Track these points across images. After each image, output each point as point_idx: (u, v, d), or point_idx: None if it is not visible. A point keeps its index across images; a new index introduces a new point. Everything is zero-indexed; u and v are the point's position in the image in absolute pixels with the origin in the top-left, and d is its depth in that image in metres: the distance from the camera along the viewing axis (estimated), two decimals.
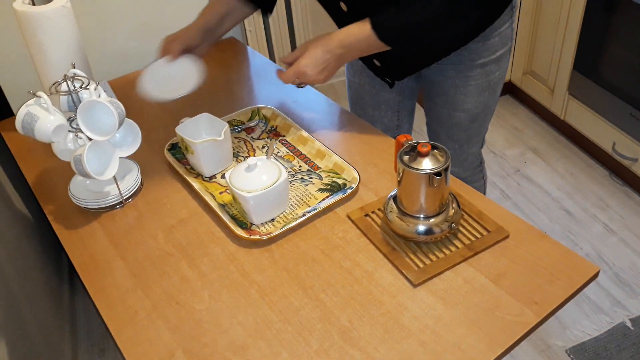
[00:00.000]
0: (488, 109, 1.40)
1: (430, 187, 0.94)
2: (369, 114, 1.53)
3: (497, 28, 1.25)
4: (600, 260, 1.97)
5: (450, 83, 1.34)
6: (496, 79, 1.34)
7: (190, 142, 1.15)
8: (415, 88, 1.51)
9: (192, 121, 1.22)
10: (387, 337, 0.87)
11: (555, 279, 0.92)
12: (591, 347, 1.70)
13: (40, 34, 1.16)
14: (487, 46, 1.27)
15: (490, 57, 1.29)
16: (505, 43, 1.29)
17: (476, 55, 1.28)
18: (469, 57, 1.28)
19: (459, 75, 1.32)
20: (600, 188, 2.26)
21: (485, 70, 1.30)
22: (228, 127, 1.18)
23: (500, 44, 1.28)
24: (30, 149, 1.37)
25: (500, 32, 1.26)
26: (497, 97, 1.40)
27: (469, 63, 1.29)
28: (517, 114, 2.70)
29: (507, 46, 1.30)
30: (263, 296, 0.95)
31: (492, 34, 1.25)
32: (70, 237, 1.11)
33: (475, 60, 1.28)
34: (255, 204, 1.04)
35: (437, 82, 1.36)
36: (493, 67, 1.31)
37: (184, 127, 1.20)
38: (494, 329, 0.86)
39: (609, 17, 2.02)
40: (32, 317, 1.43)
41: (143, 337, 0.91)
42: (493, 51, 1.28)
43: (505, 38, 1.28)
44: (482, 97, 1.35)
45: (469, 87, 1.33)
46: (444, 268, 0.96)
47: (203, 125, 1.23)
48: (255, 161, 1.06)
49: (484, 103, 1.37)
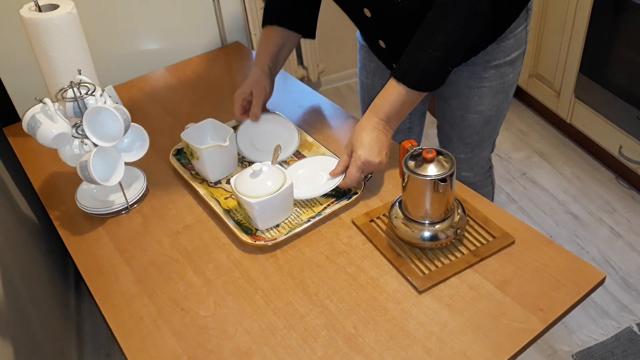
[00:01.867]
0: (501, 112, 1.39)
1: (436, 193, 0.94)
2: None
3: (513, 30, 1.25)
4: (606, 265, 1.95)
5: (464, 84, 1.34)
6: (510, 82, 1.34)
7: (196, 148, 1.15)
8: None
9: (197, 127, 1.23)
10: (392, 343, 0.87)
11: (561, 285, 0.92)
12: (598, 352, 1.69)
13: (47, 40, 1.16)
14: (502, 48, 1.27)
15: (505, 59, 1.29)
16: (520, 45, 1.29)
17: (491, 57, 1.28)
18: (484, 58, 1.28)
19: (473, 76, 1.31)
20: (606, 191, 2.25)
21: (499, 72, 1.30)
22: (233, 133, 1.18)
23: (515, 46, 1.28)
24: (36, 153, 1.37)
25: (515, 34, 1.26)
26: (510, 100, 1.40)
27: (483, 64, 1.29)
28: (523, 117, 2.69)
29: (522, 49, 1.30)
30: (268, 302, 0.95)
31: (508, 35, 1.25)
32: (76, 242, 1.11)
33: (489, 61, 1.28)
34: (260, 210, 1.04)
35: (451, 83, 1.36)
36: (507, 69, 1.31)
37: (189, 132, 1.21)
38: (499, 335, 0.86)
39: (615, 20, 2.01)
40: (39, 321, 1.44)
41: (148, 343, 0.91)
42: (508, 53, 1.28)
43: (520, 40, 1.28)
44: (496, 99, 1.35)
45: (484, 89, 1.33)
46: (450, 274, 0.95)
47: (208, 131, 1.24)
48: (260, 167, 1.06)
49: (498, 105, 1.37)
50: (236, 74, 1.63)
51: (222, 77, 1.61)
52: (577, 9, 2.16)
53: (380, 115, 1.11)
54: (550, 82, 2.45)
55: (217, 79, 1.60)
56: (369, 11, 1.20)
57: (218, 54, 1.73)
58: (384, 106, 1.11)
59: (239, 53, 1.73)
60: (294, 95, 1.48)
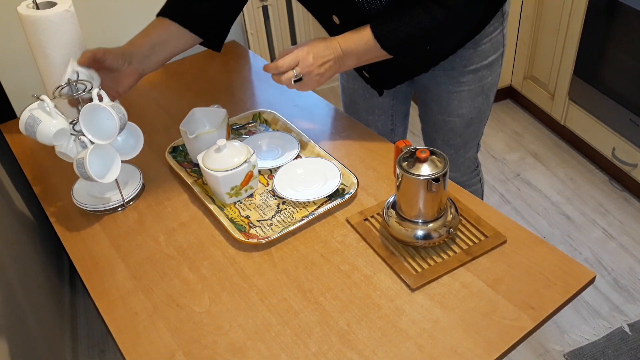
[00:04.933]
0: (482, 113, 1.41)
1: (429, 193, 0.95)
2: (362, 118, 1.55)
3: (488, 35, 1.26)
4: (599, 265, 1.97)
5: (443, 89, 1.35)
6: (489, 84, 1.35)
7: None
8: (409, 92, 1.52)
9: (190, 116, 1.25)
10: (385, 340, 0.88)
11: (552, 284, 0.93)
12: (589, 352, 1.70)
13: (44, 37, 1.17)
14: (478, 52, 1.28)
15: (482, 63, 1.30)
16: (497, 49, 1.30)
17: (467, 62, 1.29)
18: (461, 63, 1.29)
19: (451, 81, 1.33)
20: (599, 193, 2.27)
21: (477, 75, 1.32)
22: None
23: (492, 50, 1.29)
24: (32, 150, 1.38)
25: (491, 38, 1.27)
26: (491, 101, 1.41)
27: (460, 69, 1.30)
28: (518, 118, 2.71)
29: (499, 52, 1.32)
30: (262, 299, 0.96)
31: (483, 40, 1.27)
32: (72, 238, 1.12)
33: (466, 66, 1.30)
34: (225, 183, 1.10)
35: (430, 88, 1.37)
36: (485, 72, 1.32)
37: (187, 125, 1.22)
38: (490, 333, 0.87)
39: (609, 23, 2.03)
40: (33, 317, 1.44)
41: (144, 338, 0.92)
42: (484, 57, 1.29)
43: (496, 44, 1.29)
44: (476, 102, 1.36)
45: (463, 93, 1.34)
46: (442, 273, 0.97)
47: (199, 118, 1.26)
48: (224, 142, 1.12)
49: (478, 108, 1.38)
50: (232, 72, 1.64)
51: (218, 76, 1.62)
52: (572, 12, 2.18)
53: (342, 45, 1.13)
54: (545, 84, 2.47)
55: (214, 77, 1.61)
56: (337, 18, 1.21)
57: (214, 53, 1.74)
58: (349, 42, 1.13)
59: (236, 52, 1.74)
60: (290, 94, 1.49)
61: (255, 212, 1.13)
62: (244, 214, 1.12)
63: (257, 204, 1.15)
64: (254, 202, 1.15)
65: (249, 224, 1.10)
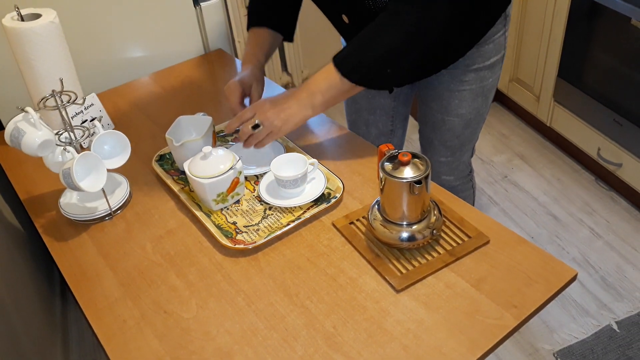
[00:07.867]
0: (480, 115, 1.43)
1: (412, 195, 0.97)
2: (364, 117, 1.56)
3: (492, 36, 1.29)
4: (586, 264, 1.99)
5: (445, 87, 1.37)
6: (489, 86, 1.38)
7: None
8: (410, 95, 1.54)
9: (176, 124, 1.25)
10: (371, 341, 0.89)
11: (534, 282, 0.95)
12: (578, 350, 1.72)
13: (29, 49, 1.18)
14: (481, 52, 1.31)
15: (484, 63, 1.32)
16: (499, 51, 1.33)
17: (470, 61, 1.32)
18: (464, 62, 1.32)
19: (453, 79, 1.35)
20: (586, 193, 2.29)
21: (479, 75, 1.34)
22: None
23: (494, 51, 1.32)
24: (20, 161, 1.38)
25: (494, 40, 1.30)
26: (489, 104, 1.44)
27: (463, 68, 1.33)
28: (504, 120, 2.73)
29: (501, 54, 1.34)
30: (249, 304, 0.97)
31: (487, 41, 1.29)
32: (60, 248, 1.13)
33: (469, 65, 1.32)
34: (211, 190, 1.11)
35: (432, 86, 1.40)
36: (487, 73, 1.34)
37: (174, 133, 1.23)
38: (474, 332, 0.89)
39: (591, 26, 2.05)
40: (24, 329, 1.44)
41: (132, 345, 0.93)
42: (487, 57, 1.32)
43: (498, 46, 1.32)
44: (475, 102, 1.38)
45: (464, 92, 1.36)
46: (426, 273, 0.98)
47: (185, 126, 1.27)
48: (210, 149, 1.12)
49: (477, 109, 1.40)
50: (219, 80, 1.65)
51: (205, 84, 1.63)
52: (555, 15, 2.21)
53: (307, 87, 1.15)
54: (530, 87, 2.50)
55: (200, 85, 1.62)
56: (346, 17, 1.23)
57: (201, 61, 1.75)
58: (313, 81, 1.15)
59: (222, 60, 1.76)
60: None
61: (242, 218, 1.14)
62: (231, 220, 1.13)
63: (243, 210, 1.16)
64: (240, 208, 1.16)
65: (235, 229, 1.11)
